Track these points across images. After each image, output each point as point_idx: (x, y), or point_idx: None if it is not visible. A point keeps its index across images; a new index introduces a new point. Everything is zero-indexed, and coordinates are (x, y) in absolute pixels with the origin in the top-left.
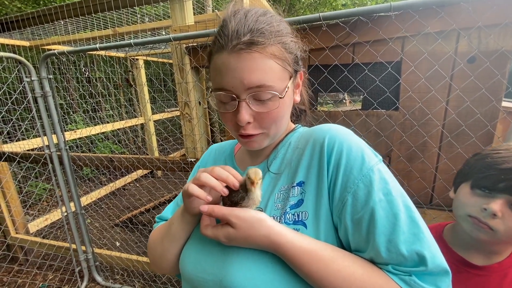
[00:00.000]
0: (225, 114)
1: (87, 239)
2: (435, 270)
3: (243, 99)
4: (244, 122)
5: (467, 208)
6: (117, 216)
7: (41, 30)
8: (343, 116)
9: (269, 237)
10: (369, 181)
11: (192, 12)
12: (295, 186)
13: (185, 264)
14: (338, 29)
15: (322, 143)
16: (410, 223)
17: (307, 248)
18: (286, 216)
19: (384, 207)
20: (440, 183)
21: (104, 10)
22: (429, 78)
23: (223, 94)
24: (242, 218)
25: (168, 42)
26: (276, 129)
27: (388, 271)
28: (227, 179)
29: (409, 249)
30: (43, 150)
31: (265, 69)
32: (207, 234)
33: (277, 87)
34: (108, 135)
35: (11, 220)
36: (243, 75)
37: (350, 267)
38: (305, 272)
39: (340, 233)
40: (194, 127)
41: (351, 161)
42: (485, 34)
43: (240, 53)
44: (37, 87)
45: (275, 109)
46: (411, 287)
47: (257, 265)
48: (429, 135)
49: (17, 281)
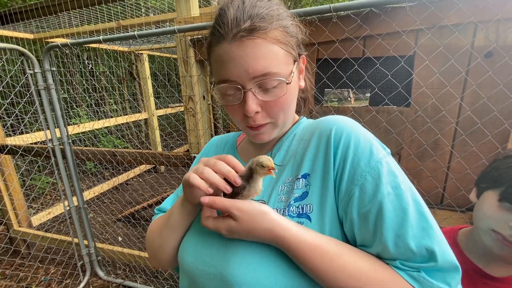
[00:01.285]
0: (231, 107)
1: (90, 234)
2: (445, 266)
3: (249, 88)
4: (252, 112)
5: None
6: (119, 211)
7: (45, 23)
8: (352, 112)
9: (272, 231)
10: (377, 174)
11: (197, 3)
12: (300, 178)
13: (185, 256)
14: (349, 21)
15: (328, 134)
16: (420, 217)
17: (312, 242)
18: (290, 209)
19: (393, 200)
20: (452, 183)
21: (108, 2)
22: (444, 73)
23: (228, 85)
24: (244, 211)
25: (173, 34)
26: (284, 118)
27: (396, 266)
28: (228, 175)
29: (418, 244)
30: (46, 143)
31: (270, 55)
32: (208, 225)
33: (282, 73)
34: (111, 129)
35: (14, 213)
36: (248, 63)
37: (356, 262)
38: (309, 267)
39: (345, 227)
40: (198, 122)
41: (358, 153)
42: (504, 28)
43: (242, 40)
44: (40, 79)
45: (283, 96)
46: (420, 283)
47: (259, 258)
48: (442, 132)
49: (19, 274)
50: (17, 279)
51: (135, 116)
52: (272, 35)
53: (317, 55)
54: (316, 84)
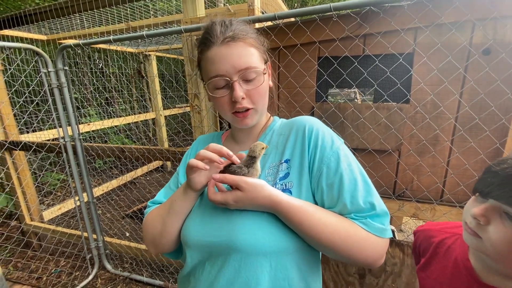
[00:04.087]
0: (221, 99)
1: (98, 228)
2: (381, 213)
3: (235, 80)
4: (239, 97)
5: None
6: (127, 207)
7: (58, 25)
8: (353, 109)
9: (270, 197)
10: (337, 156)
11: (203, 4)
12: (283, 163)
13: (190, 231)
14: (349, 20)
15: (303, 130)
16: (364, 183)
17: (297, 204)
18: (276, 186)
19: (348, 173)
20: (452, 178)
21: (118, 4)
22: (442, 70)
23: (218, 79)
24: (249, 183)
25: (179, 33)
26: (262, 105)
27: (352, 218)
28: (221, 150)
29: (365, 200)
30: (58, 140)
31: (249, 54)
32: (216, 198)
33: (259, 67)
34: (120, 128)
35: (26, 207)
36: (233, 60)
37: (327, 216)
38: (296, 222)
39: (317, 196)
40: (203, 119)
41: (324, 142)
42: (501, 25)
43: (229, 44)
44: (54, 78)
45: (261, 85)
46: (367, 225)
47: (257, 224)
48: (441, 128)
49: (30, 266)
50: (28, 271)
51: (143, 116)
52: (249, 41)
53: (318, 53)
54: (317, 82)
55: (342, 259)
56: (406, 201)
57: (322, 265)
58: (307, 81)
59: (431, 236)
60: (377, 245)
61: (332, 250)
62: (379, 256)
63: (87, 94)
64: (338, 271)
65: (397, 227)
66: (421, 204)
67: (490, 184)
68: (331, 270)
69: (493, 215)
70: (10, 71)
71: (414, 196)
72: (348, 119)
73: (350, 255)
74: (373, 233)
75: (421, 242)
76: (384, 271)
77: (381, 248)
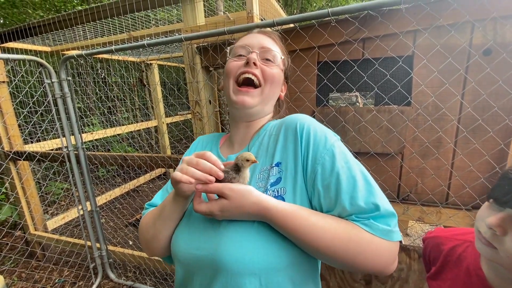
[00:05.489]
0: (235, 62)
1: (102, 237)
2: (386, 214)
3: (255, 51)
4: (253, 59)
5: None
6: (130, 215)
7: (61, 36)
8: (354, 112)
9: (258, 204)
10: (332, 153)
11: (203, 12)
12: (274, 166)
13: (178, 243)
14: (347, 24)
15: (294, 128)
16: (365, 182)
17: (288, 209)
18: (268, 193)
19: (345, 172)
20: (456, 180)
21: (119, 14)
22: (443, 72)
23: (241, 47)
24: (235, 190)
25: (180, 42)
26: (268, 92)
27: (352, 220)
28: (210, 171)
29: (367, 201)
30: (62, 149)
31: (275, 47)
32: (201, 209)
33: (278, 61)
34: (123, 136)
35: (30, 217)
36: (260, 39)
37: (324, 220)
38: (289, 229)
39: (314, 201)
40: (204, 126)
41: (317, 140)
42: (501, 25)
43: (264, 33)
44: (57, 88)
45: (274, 71)
46: (370, 227)
47: (243, 236)
48: (444, 130)
49: (34, 276)
50: (32, 281)
51: (145, 124)
52: (279, 44)
53: (317, 58)
54: (317, 86)
55: (346, 266)
56: (411, 205)
57: (327, 271)
58: (307, 86)
59: (441, 244)
60: (384, 249)
61: (333, 257)
62: (388, 262)
63: (90, 104)
64: (344, 278)
65: (403, 231)
66: (426, 207)
67: (508, 193)
68: (337, 277)
69: (511, 225)
70: (15, 82)
71: (418, 199)
72: (350, 123)
73: (354, 262)
74: (378, 236)
75: (430, 250)
76: (391, 277)
77: (389, 252)
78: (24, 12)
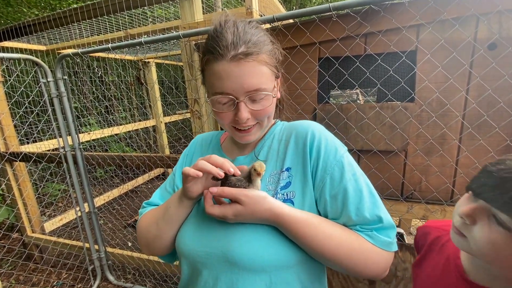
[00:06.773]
0: (223, 114)
1: (100, 238)
2: (387, 226)
3: (242, 100)
4: (244, 119)
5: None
6: (129, 216)
7: (57, 35)
8: (356, 109)
9: (271, 210)
10: (341, 165)
11: (201, 9)
12: (284, 171)
13: (185, 241)
14: (349, 19)
15: (305, 137)
16: (370, 195)
17: (300, 216)
18: (277, 196)
19: (353, 184)
20: (461, 177)
21: (116, 12)
22: (447, 67)
23: (223, 96)
24: (249, 196)
25: (178, 39)
26: (267, 121)
27: (357, 230)
28: (222, 165)
29: (371, 213)
30: (58, 150)
31: (260, 74)
32: (214, 212)
33: (268, 88)
34: (121, 136)
35: (27, 219)
36: (243, 81)
37: (332, 228)
38: (300, 235)
39: (319, 206)
40: (203, 124)
41: (327, 151)
42: (507, 19)
43: (240, 62)
44: (53, 87)
45: (267, 105)
46: (373, 238)
47: (254, 235)
48: (448, 126)
49: (32, 279)
50: (30, 284)
51: (143, 123)
52: (262, 58)
53: (318, 54)
54: (319, 83)
55: (346, 271)
56: (415, 203)
57: (330, 271)
58: (308, 83)
59: (428, 233)
60: (382, 258)
61: (335, 263)
62: (383, 270)
63: (87, 103)
64: (347, 278)
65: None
66: (430, 205)
67: (483, 185)
68: (340, 277)
69: (481, 216)
70: (10, 82)
71: (423, 197)
72: (352, 120)
73: (354, 268)
74: (378, 247)
75: (418, 239)
76: (395, 276)
77: (385, 262)
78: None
